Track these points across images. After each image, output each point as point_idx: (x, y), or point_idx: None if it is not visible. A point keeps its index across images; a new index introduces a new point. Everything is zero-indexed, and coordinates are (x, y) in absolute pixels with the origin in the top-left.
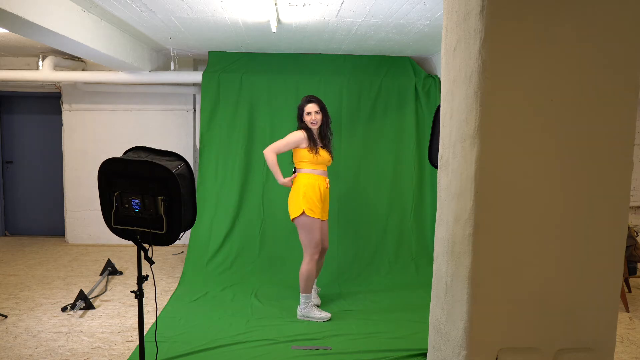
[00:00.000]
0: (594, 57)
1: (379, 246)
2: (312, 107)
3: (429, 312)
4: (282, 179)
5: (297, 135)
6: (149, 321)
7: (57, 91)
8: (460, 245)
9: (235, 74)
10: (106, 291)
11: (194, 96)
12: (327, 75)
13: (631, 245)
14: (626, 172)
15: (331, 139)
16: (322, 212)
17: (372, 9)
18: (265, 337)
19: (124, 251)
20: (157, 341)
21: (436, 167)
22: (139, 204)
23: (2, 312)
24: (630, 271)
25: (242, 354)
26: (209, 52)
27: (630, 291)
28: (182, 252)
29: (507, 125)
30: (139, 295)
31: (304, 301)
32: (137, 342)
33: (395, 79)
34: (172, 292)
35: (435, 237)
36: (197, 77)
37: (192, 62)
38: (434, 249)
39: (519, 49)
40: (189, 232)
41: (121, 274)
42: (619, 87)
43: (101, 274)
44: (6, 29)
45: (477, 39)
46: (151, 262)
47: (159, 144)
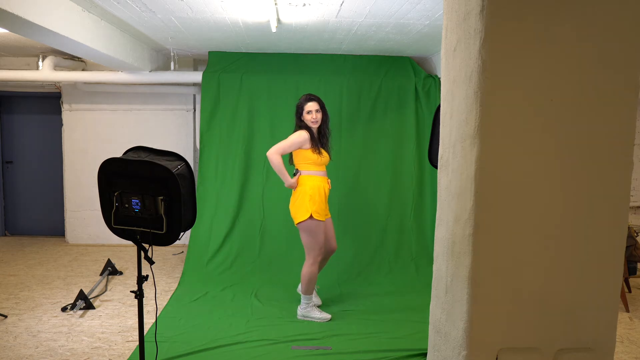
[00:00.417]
0: (594, 57)
1: (379, 246)
2: (312, 106)
3: (429, 312)
4: (290, 180)
5: (301, 135)
6: (149, 321)
7: (57, 91)
8: (460, 245)
9: (235, 74)
10: (106, 291)
11: (194, 96)
12: (327, 75)
13: (631, 245)
14: (626, 172)
15: (329, 138)
16: (325, 213)
17: (372, 9)
18: (265, 337)
19: (124, 251)
20: (157, 341)
21: (436, 167)
22: (139, 204)
23: (2, 312)
24: (630, 271)
25: (242, 354)
26: (209, 52)
27: (630, 291)
28: (182, 252)
29: (507, 125)
30: (139, 295)
31: (305, 302)
32: (137, 342)
33: (395, 79)
34: (172, 292)
35: (435, 237)
36: (197, 77)
37: (192, 62)
38: (434, 249)
39: (519, 49)
40: (189, 232)
41: (121, 274)
42: (619, 87)
43: (101, 274)
44: (6, 29)
45: (477, 39)
46: (151, 262)
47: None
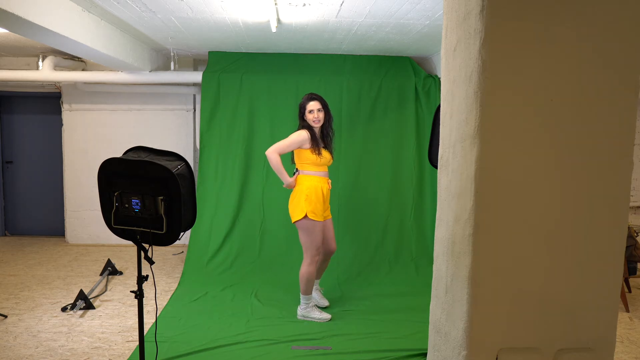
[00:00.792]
0: (593, 57)
1: (379, 246)
2: (314, 105)
3: (429, 312)
4: (288, 179)
5: (301, 135)
6: (149, 321)
7: (57, 91)
8: (460, 245)
9: (235, 74)
10: (106, 291)
11: (194, 96)
12: (327, 75)
13: (631, 245)
14: (626, 172)
15: (333, 139)
16: (323, 213)
17: (372, 9)
18: (265, 337)
19: (124, 251)
20: (157, 341)
21: (436, 167)
22: (139, 204)
23: (2, 312)
24: (630, 271)
25: (242, 354)
26: (209, 52)
27: (630, 291)
28: (182, 252)
29: (507, 125)
30: (139, 295)
31: (304, 302)
32: (137, 342)
33: (395, 79)
34: (172, 292)
35: (435, 237)
36: (197, 77)
37: (192, 62)
38: (434, 249)
39: (519, 49)
40: (189, 232)
41: (121, 274)
42: (619, 87)
43: (101, 274)
44: (6, 29)
45: (477, 39)
46: (151, 262)
47: (159, 144)
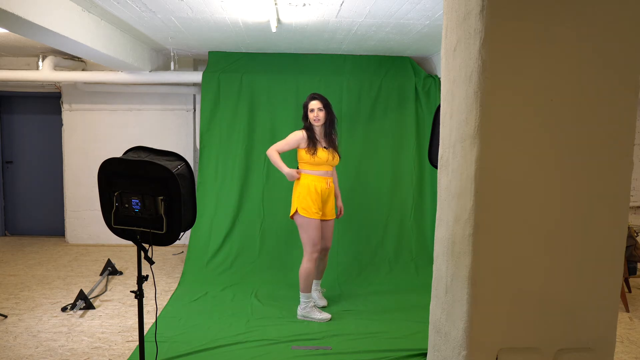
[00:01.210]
0: (593, 57)
1: (379, 246)
2: (315, 104)
3: (429, 312)
4: (286, 169)
5: (297, 135)
6: (149, 321)
7: (57, 91)
8: (460, 245)
9: (235, 74)
10: (106, 291)
11: (194, 96)
12: (327, 75)
13: (631, 245)
14: (626, 172)
15: (335, 139)
16: (320, 212)
17: (372, 9)
18: (265, 337)
19: (124, 251)
20: (157, 341)
21: (436, 167)
22: (139, 204)
23: (2, 312)
24: (630, 271)
25: (242, 354)
26: (209, 52)
27: (630, 291)
28: (182, 252)
29: (507, 125)
30: (139, 295)
31: (304, 301)
32: (137, 342)
33: (395, 79)
34: (172, 292)
35: (435, 237)
36: (197, 77)
37: (192, 62)
38: (434, 249)
39: (519, 49)
40: (189, 232)
41: (121, 274)
42: (619, 87)
43: (101, 274)
44: (6, 29)
45: (477, 39)
46: (151, 262)
47: (159, 144)
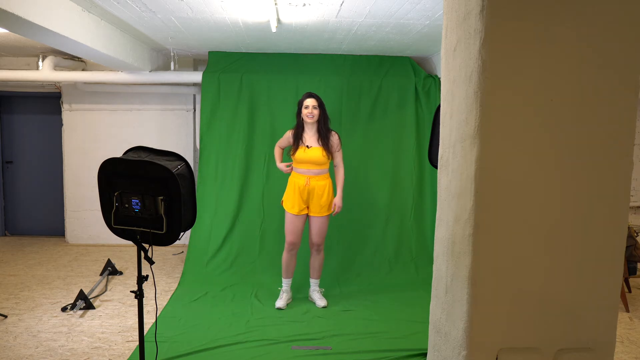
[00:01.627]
0: (593, 57)
1: (379, 246)
2: (310, 102)
3: (429, 312)
4: (277, 163)
5: (287, 132)
6: (149, 321)
7: (57, 91)
8: (460, 245)
9: (235, 74)
10: (106, 291)
11: (194, 96)
12: (327, 75)
13: (631, 245)
14: (626, 172)
15: (332, 138)
16: (296, 207)
17: (372, 9)
18: (265, 337)
19: (124, 251)
20: (157, 341)
21: (436, 167)
22: (139, 204)
23: (2, 312)
24: (630, 271)
25: (242, 354)
26: (209, 52)
27: (630, 291)
28: (182, 252)
29: (507, 125)
30: (139, 295)
31: (285, 285)
32: (137, 342)
33: (395, 79)
34: (172, 292)
35: (435, 237)
36: (197, 77)
37: (192, 62)
38: (434, 249)
39: (519, 49)
40: (189, 232)
41: (121, 274)
42: (619, 87)
43: (101, 274)
44: (6, 29)
45: (477, 39)
46: (151, 262)
47: (159, 144)
